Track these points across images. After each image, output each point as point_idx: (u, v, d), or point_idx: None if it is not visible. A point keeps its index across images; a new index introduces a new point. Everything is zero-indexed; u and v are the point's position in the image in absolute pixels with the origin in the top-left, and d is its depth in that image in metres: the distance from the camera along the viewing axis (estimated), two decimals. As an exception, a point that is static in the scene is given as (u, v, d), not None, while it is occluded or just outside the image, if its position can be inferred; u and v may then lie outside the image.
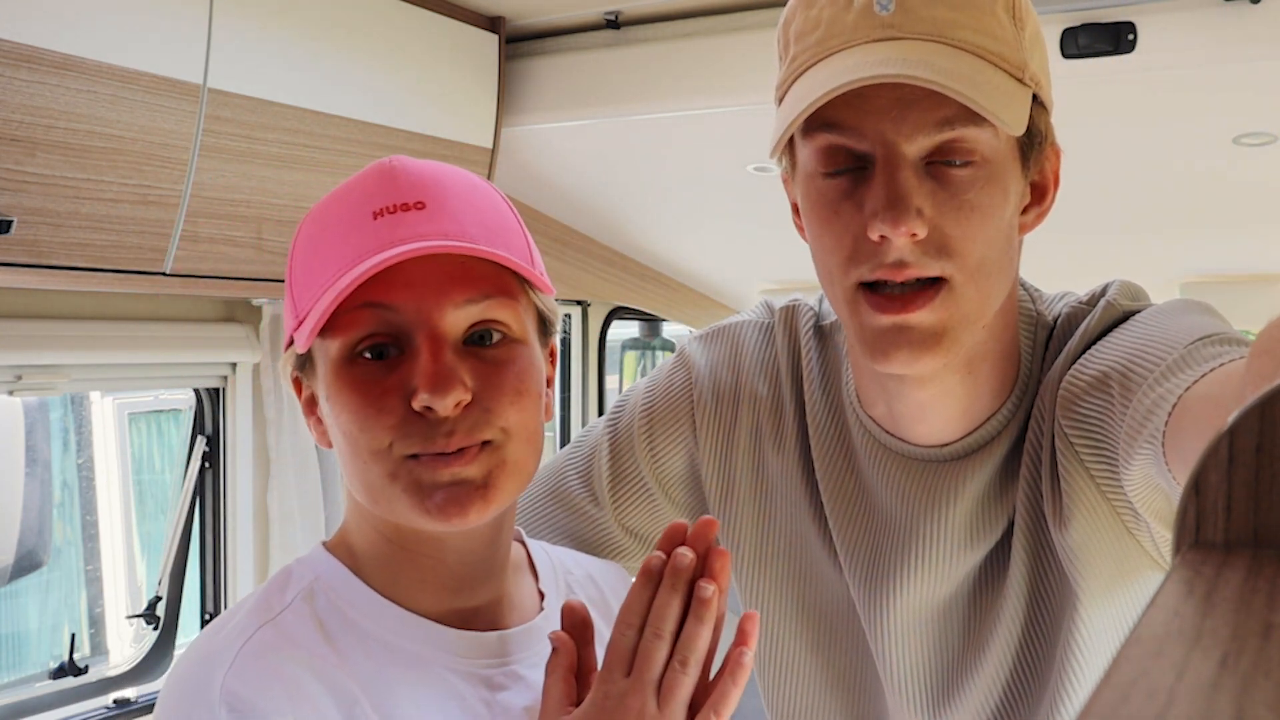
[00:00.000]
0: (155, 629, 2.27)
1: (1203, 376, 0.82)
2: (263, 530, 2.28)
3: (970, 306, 0.92)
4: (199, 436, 2.26)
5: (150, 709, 2.17)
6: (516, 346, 0.85)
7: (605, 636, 0.86)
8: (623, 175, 2.52)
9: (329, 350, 0.83)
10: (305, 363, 0.87)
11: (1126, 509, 0.94)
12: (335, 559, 0.87)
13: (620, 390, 4.09)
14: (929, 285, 0.91)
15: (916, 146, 0.89)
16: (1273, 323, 0.66)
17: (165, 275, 1.71)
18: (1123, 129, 2.06)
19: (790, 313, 1.15)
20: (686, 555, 0.84)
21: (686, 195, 2.64)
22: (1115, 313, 1.00)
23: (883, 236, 0.88)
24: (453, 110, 2.12)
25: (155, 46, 1.60)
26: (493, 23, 2.17)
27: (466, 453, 0.81)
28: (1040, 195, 0.98)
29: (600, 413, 3.28)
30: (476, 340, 0.83)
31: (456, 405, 0.80)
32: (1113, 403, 0.91)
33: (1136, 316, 0.99)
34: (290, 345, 0.87)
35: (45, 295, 1.85)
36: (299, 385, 0.89)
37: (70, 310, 1.91)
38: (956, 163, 0.90)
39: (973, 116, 0.87)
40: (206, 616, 2.31)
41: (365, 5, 1.94)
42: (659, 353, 4.21)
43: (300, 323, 0.84)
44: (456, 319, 0.82)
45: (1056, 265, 2.43)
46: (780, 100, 0.97)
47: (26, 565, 2.09)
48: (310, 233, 0.87)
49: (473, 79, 2.15)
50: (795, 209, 1.01)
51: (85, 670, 2.15)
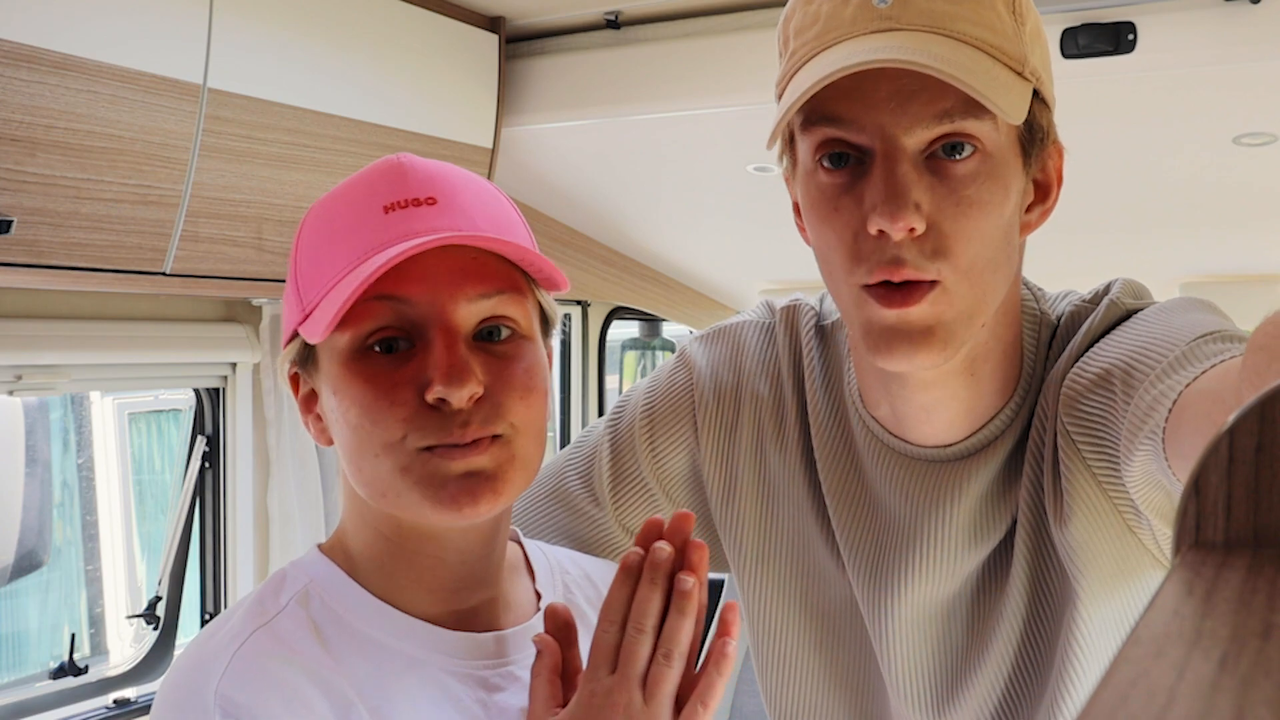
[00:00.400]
0: (155, 629, 2.27)
1: (1203, 373, 0.82)
2: (263, 530, 2.28)
3: (965, 304, 0.92)
4: (199, 436, 2.26)
5: (150, 709, 2.17)
6: (525, 343, 0.85)
7: None
8: (623, 175, 2.52)
9: (336, 344, 0.82)
10: (306, 359, 0.86)
11: (1128, 506, 0.94)
12: (330, 561, 0.87)
13: (620, 390, 4.09)
14: (923, 282, 0.91)
15: (916, 139, 0.89)
16: (1268, 319, 0.66)
17: (165, 275, 1.71)
18: (1123, 129, 2.06)
19: (791, 312, 1.15)
20: (665, 549, 0.84)
21: (686, 195, 2.63)
22: (1118, 311, 1.00)
23: (881, 231, 0.88)
24: (453, 110, 2.12)
25: (155, 46, 1.60)
26: (493, 23, 2.17)
27: (479, 444, 0.81)
28: (1043, 194, 0.98)
29: (600, 413, 3.28)
30: (485, 335, 0.83)
31: (470, 398, 0.80)
32: (1115, 400, 0.91)
33: (1139, 314, 0.99)
34: (291, 340, 0.86)
35: (45, 295, 1.85)
36: (296, 381, 0.88)
37: (70, 310, 1.91)
38: (956, 156, 0.90)
39: (972, 109, 0.87)
40: (206, 616, 2.31)
41: (365, 5, 1.94)
42: (659, 353, 4.21)
43: (307, 315, 0.83)
44: (469, 313, 0.82)
45: (1057, 265, 2.43)
46: (780, 96, 0.97)
47: (26, 565, 2.09)
48: (317, 227, 0.86)
49: (473, 79, 2.14)
50: (796, 208, 1.01)
51: (85, 670, 2.15)
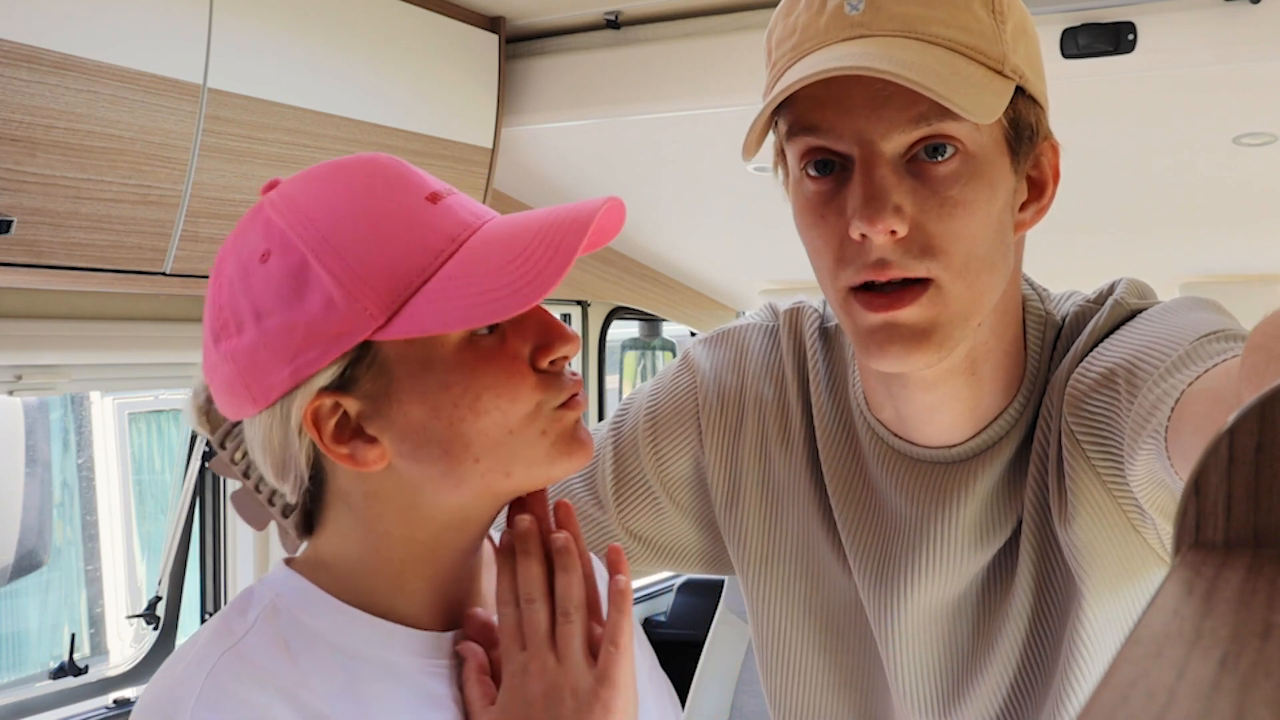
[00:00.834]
0: (155, 629, 2.27)
1: (1206, 372, 0.82)
2: (262, 531, 2.28)
3: (960, 304, 0.92)
4: (199, 436, 2.25)
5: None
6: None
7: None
8: (623, 175, 2.52)
9: (436, 341, 0.79)
10: (348, 381, 0.80)
11: (1132, 506, 0.94)
12: (298, 575, 0.86)
13: (620, 390, 4.09)
14: (916, 283, 0.91)
15: (894, 144, 0.89)
16: (1267, 319, 0.66)
17: (165, 275, 1.71)
18: (1123, 129, 2.06)
19: (795, 315, 1.15)
20: (524, 519, 0.87)
21: (686, 195, 2.63)
22: (1123, 311, 1.00)
23: (863, 235, 0.89)
24: (453, 110, 2.12)
25: (155, 46, 1.60)
26: (493, 23, 2.17)
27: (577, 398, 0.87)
28: (1038, 191, 0.98)
29: (601, 412, 3.28)
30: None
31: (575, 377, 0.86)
32: (1119, 399, 0.91)
33: (1143, 314, 0.99)
34: (307, 369, 0.78)
35: (45, 295, 1.85)
36: (317, 416, 0.80)
37: (70, 310, 1.91)
38: (937, 158, 0.89)
39: (948, 110, 0.87)
40: (206, 616, 2.31)
41: (365, 5, 1.94)
42: (659, 353, 4.21)
43: (392, 318, 0.77)
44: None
45: (1057, 265, 2.43)
46: None
47: (26, 565, 2.09)
48: (348, 228, 0.79)
49: (473, 79, 2.14)
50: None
51: (85, 670, 2.15)
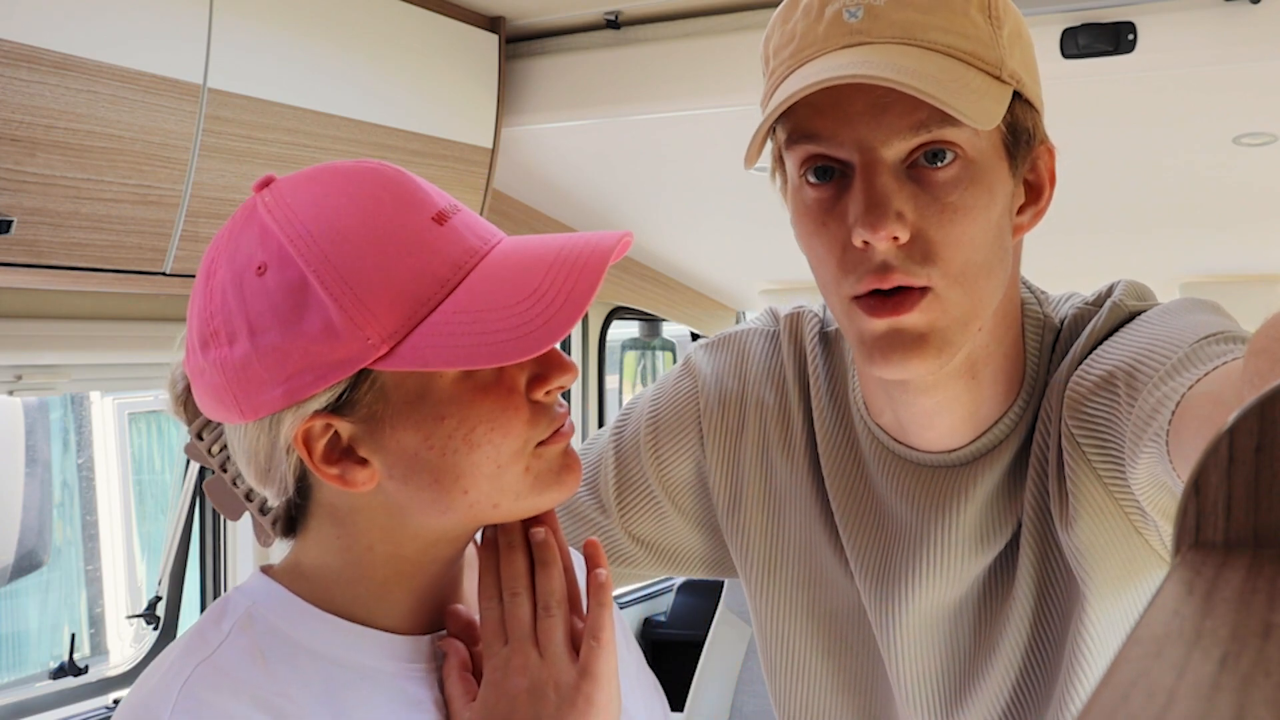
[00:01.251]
0: (155, 629, 2.27)
1: (1206, 374, 0.82)
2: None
3: (958, 310, 0.92)
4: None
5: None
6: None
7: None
8: (623, 175, 2.52)
9: (436, 372, 0.78)
10: (345, 404, 0.78)
11: (1134, 508, 0.94)
12: (274, 583, 0.85)
13: (620, 391, 4.09)
14: (915, 289, 0.91)
15: (894, 150, 0.89)
16: (1269, 321, 0.66)
17: (165, 275, 1.71)
18: (1123, 129, 2.06)
19: (795, 320, 1.15)
20: None
21: (686, 195, 2.63)
22: (1121, 313, 1.00)
23: (866, 242, 0.89)
24: (453, 110, 2.12)
25: (155, 46, 1.60)
26: (493, 23, 2.17)
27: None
28: (1035, 195, 0.98)
29: (600, 412, 3.28)
30: None
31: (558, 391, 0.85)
32: (1119, 402, 0.91)
33: (1142, 316, 0.99)
34: (332, 383, 0.77)
35: (45, 295, 1.85)
36: (312, 436, 0.79)
37: (70, 310, 1.91)
38: (938, 163, 0.90)
39: (948, 117, 0.87)
40: (206, 616, 2.30)
41: (365, 5, 1.94)
42: (659, 353, 4.21)
43: (394, 348, 0.75)
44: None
45: (1056, 265, 2.43)
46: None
47: (26, 565, 2.09)
48: (349, 252, 0.77)
49: (473, 79, 2.14)
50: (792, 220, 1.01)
51: (85, 670, 2.15)
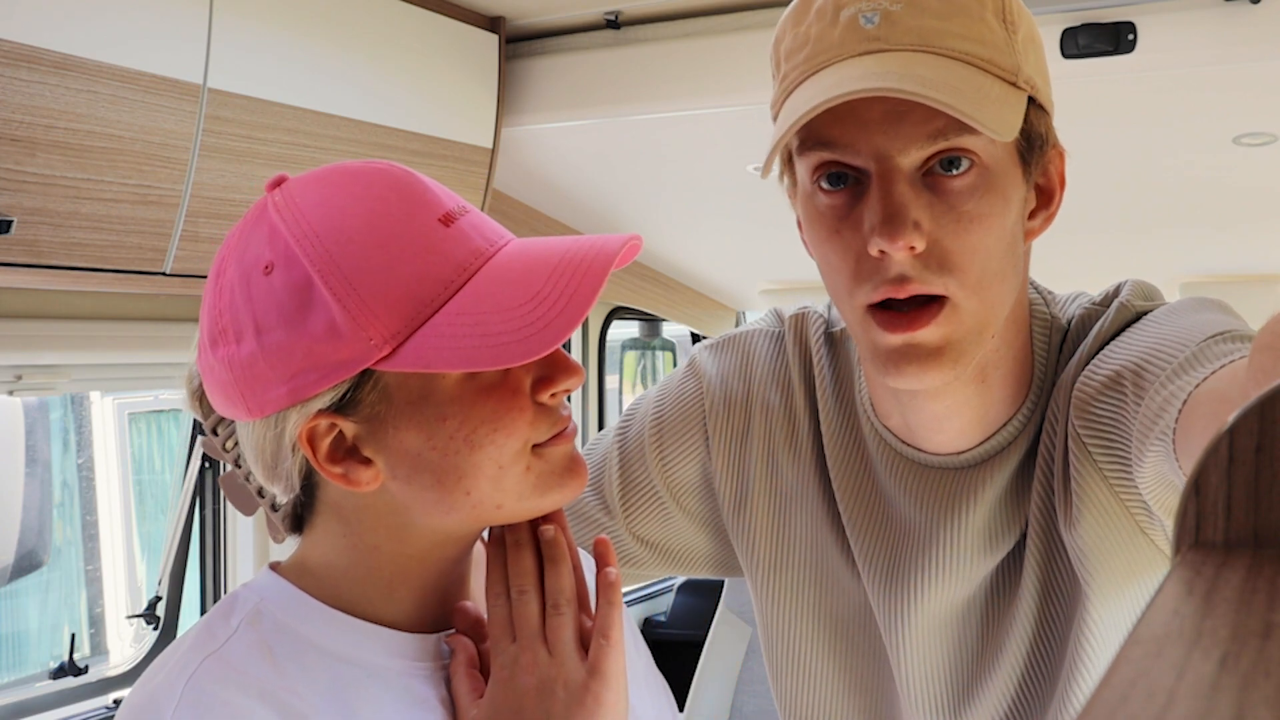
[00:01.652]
0: (155, 629, 2.27)
1: (1213, 373, 0.81)
2: (263, 530, 2.28)
3: (974, 320, 0.92)
4: (199, 437, 2.25)
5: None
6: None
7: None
8: (623, 175, 2.52)
9: (439, 373, 0.78)
10: (348, 403, 0.78)
11: (1140, 508, 0.94)
12: (283, 579, 0.85)
13: (620, 390, 4.09)
14: (932, 301, 0.91)
15: (911, 159, 0.89)
16: (1274, 318, 0.66)
17: (165, 275, 1.71)
18: (1123, 129, 2.06)
19: (800, 321, 1.14)
20: None
21: (686, 195, 2.63)
22: (1129, 313, 1.00)
23: (882, 252, 0.88)
24: (453, 110, 2.12)
25: (155, 46, 1.60)
26: (493, 23, 2.17)
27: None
28: (1046, 199, 0.97)
29: (601, 413, 3.28)
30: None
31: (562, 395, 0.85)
32: (1126, 402, 0.91)
33: (1149, 315, 0.98)
34: (310, 391, 0.77)
35: (45, 295, 1.85)
36: (317, 435, 0.78)
37: (70, 310, 1.91)
38: (953, 171, 0.89)
39: (966, 124, 0.86)
40: (206, 616, 2.30)
41: (365, 5, 1.94)
42: (659, 353, 4.21)
43: (397, 349, 0.75)
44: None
45: (1057, 265, 2.43)
46: (775, 118, 0.96)
47: (26, 565, 2.09)
48: (355, 254, 0.76)
49: (473, 79, 2.14)
50: (800, 223, 1.01)
51: (85, 670, 2.15)
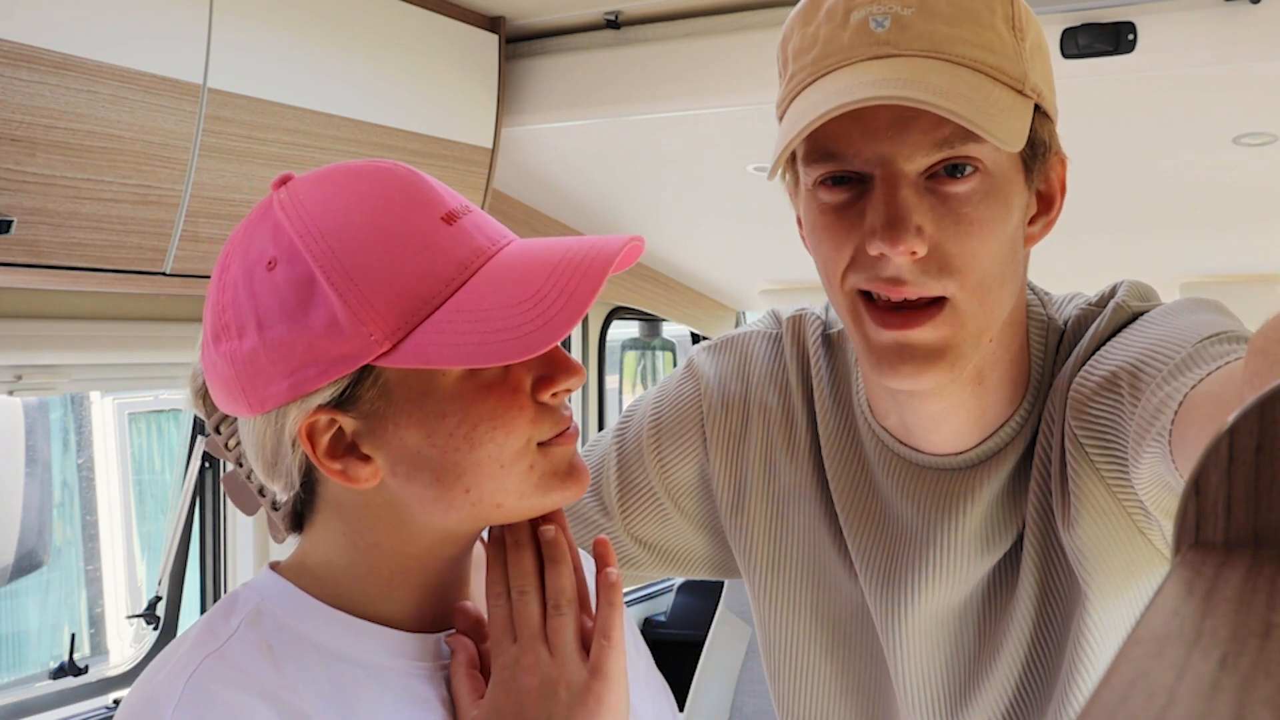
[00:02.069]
0: (155, 629, 2.27)
1: (1209, 374, 0.82)
2: (263, 530, 2.28)
3: (974, 323, 0.92)
4: (199, 437, 2.26)
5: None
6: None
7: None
8: (623, 175, 2.52)
9: (440, 370, 0.78)
10: (348, 399, 0.78)
11: (1137, 508, 0.94)
12: (283, 579, 0.85)
13: (620, 391, 4.09)
14: (932, 302, 0.91)
15: (915, 165, 0.89)
16: (1270, 321, 0.66)
17: (165, 275, 1.71)
18: (1123, 129, 2.06)
19: (798, 322, 1.15)
20: None
21: (686, 195, 2.63)
22: (1125, 314, 1.00)
23: (882, 254, 0.89)
24: (453, 110, 2.12)
25: (155, 46, 1.60)
26: (493, 23, 2.17)
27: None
28: (1047, 205, 0.97)
29: (600, 413, 3.28)
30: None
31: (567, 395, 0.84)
32: (1122, 402, 0.91)
33: (1146, 316, 0.99)
34: (309, 386, 0.77)
35: (45, 295, 1.85)
36: (312, 431, 0.79)
37: (70, 310, 1.91)
38: (958, 176, 0.89)
39: (972, 132, 0.86)
40: (206, 616, 2.30)
41: (365, 5, 1.94)
42: (659, 353, 4.21)
43: (397, 345, 0.75)
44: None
45: (1056, 265, 2.42)
46: (781, 118, 0.96)
47: (26, 565, 2.09)
48: (357, 250, 0.77)
49: (473, 79, 2.14)
50: (800, 221, 1.01)
51: (85, 670, 2.15)
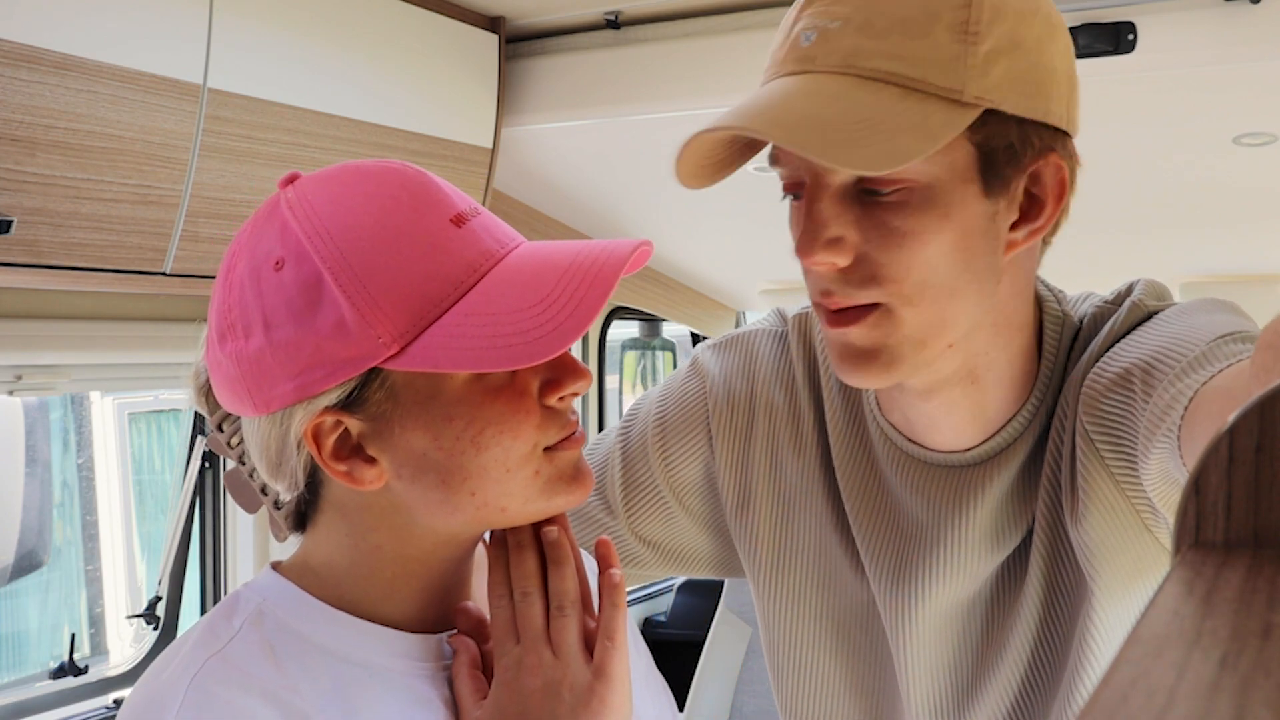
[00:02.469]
0: (155, 629, 2.27)
1: (1220, 372, 0.82)
2: (263, 530, 2.28)
3: (914, 329, 0.91)
4: (199, 437, 2.26)
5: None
6: None
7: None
8: (623, 175, 2.52)
9: (446, 374, 0.78)
10: (355, 401, 0.79)
11: (1145, 505, 0.94)
12: (285, 579, 0.85)
13: (620, 390, 4.09)
14: (865, 305, 0.91)
15: (840, 176, 0.89)
16: (1278, 317, 0.66)
17: (165, 275, 1.71)
18: (1122, 129, 2.06)
19: (803, 320, 1.15)
20: None
21: (686, 195, 2.61)
22: (1140, 312, 1.00)
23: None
24: (453, 110, 2.12)
25: (155, 46, 1.60)
26: (493, 23, 2.17)
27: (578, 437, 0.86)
28: (1037, 210, 0.94)
29: (601, 412, 3.27)
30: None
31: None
32: (1134, 399, 0.91)
33: (1160, 315, 0.99)
34: (341, 382, 0.77)
35: (45, 295, 1.85)
36: (322, 432, 0.79)
37: (70, 310, 1.90)
38: (884, 191, 0.88)
39: None
40: (206, 616, 2.30)
41: (365, 5, 1.94)
42: (659, 353, 4.21)
43: (405, 347, 0.76)
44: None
45: (1055, 265, 2.42)
46: None
47: (26, 565, 2.09)
48: (364, 251, 0.77)
49: (473, 79, 2.14)
50: None
51: (85, 670, 2.15)
